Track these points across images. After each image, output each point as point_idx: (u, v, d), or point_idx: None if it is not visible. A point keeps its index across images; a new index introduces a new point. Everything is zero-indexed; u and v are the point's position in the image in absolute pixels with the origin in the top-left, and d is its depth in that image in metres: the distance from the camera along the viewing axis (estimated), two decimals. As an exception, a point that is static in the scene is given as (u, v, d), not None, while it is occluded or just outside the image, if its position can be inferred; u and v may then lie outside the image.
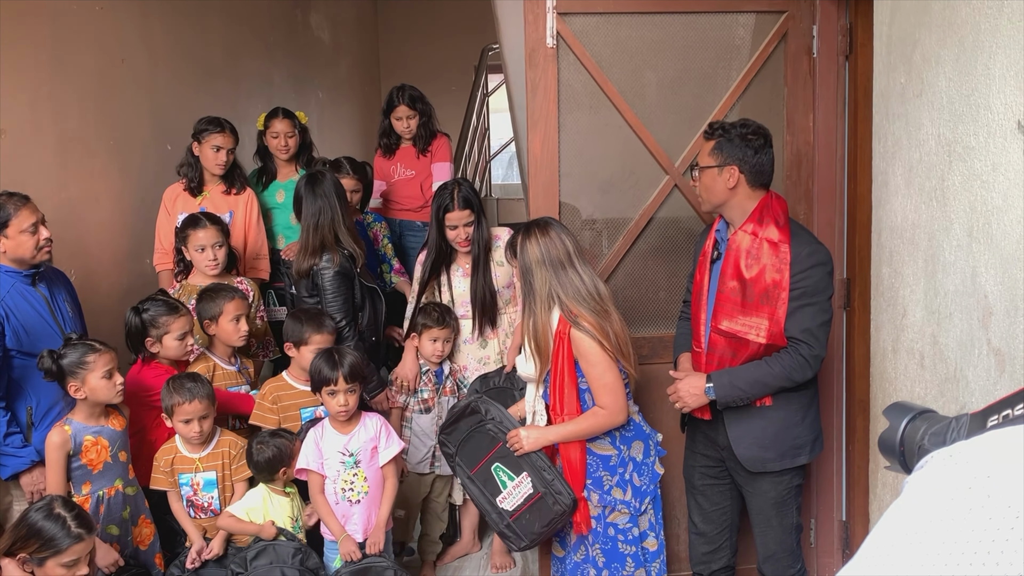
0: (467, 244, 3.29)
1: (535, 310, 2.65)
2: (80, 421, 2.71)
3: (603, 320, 2.61)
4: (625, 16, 3.11)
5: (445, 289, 3.36)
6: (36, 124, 3.42)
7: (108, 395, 2.70)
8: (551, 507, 2.63)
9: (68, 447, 2.67)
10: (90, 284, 3.55)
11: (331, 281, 3.25)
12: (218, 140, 3.70)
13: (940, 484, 0.77)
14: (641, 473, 2.70)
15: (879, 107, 2.24)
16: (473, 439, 2.77)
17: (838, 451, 3.16)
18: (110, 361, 2.69)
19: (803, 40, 3.11)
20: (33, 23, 3.39)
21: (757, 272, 2.51)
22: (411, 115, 4.25)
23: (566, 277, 2.63)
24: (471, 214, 3.28)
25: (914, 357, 2.03)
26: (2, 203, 2.79)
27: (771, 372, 2.52)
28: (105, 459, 2.73)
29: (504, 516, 2.70)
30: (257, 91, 5.38)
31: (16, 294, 2.83)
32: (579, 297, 2.62)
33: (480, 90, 6.77)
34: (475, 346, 3.38)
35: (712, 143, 2.59)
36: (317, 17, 6.46)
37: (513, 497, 2.68)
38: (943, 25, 1.84)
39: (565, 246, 2.66)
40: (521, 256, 2.68)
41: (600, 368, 2.59)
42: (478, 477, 2.75)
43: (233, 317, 3.15)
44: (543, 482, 2.63)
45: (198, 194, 3.77)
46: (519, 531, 2.69)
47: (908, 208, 2.04)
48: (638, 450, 2.72)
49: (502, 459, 2.70)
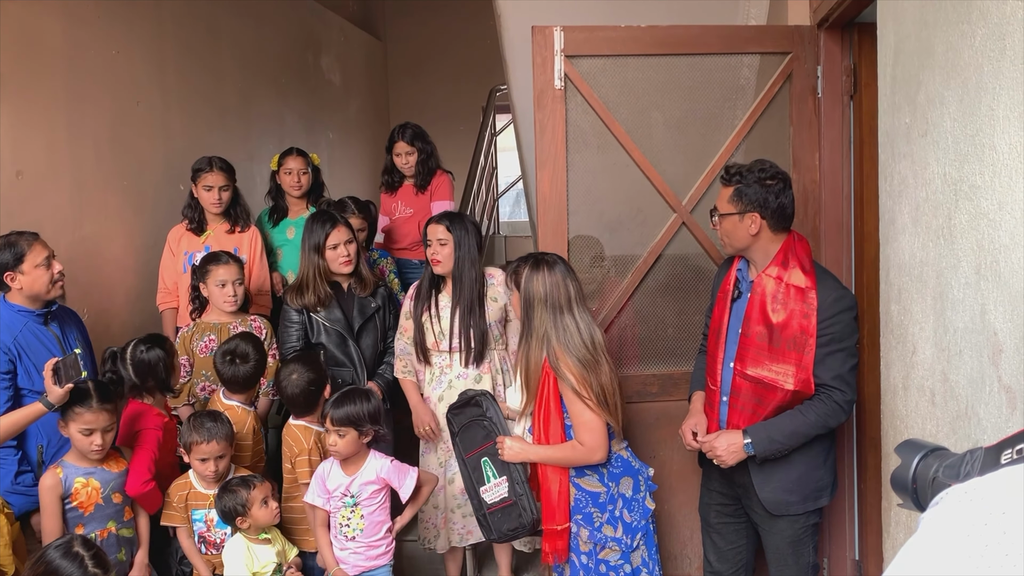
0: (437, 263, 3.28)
1: (531, 345, 2.69)
2: (73, 463, 2.71)
3: (589, 371, 2.63)
4: (632, 58, 3.16)
5: (435, 321, 3.35)
6: (52, 165, 3.48)
7: (82, 448, 2.67)
8: (517, 517, 2.74)
9: (59, 490, 2.66)
10: (102, 323, 3.58)
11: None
12: (208, 180, 3.77)
13: (956, 521, 0.78)
14: (632, 509, 2.70)
15: (885, 146, 2.26)
16: (472, 428, 2.85)
17: (850, 489, 3.14)
18: (92, 422, 2.65)
19: (808, 80, 3.16)
20: (51, 67, 3.47)
21: (784, 317, 2.51)
22: (409, 151, 4.32)
23: (562, 322, 2.66)
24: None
25: (925, 394, 2.03)
26: (14, 240, 2.83)
27: (807, 421, 2.52)
28: (96, 501, 2.71)
29: (483, 505, 2.80)
30: (269, 132, 5.46)
31: (28, 333, 2.86)
32: (571, 345, 2.64)
33: (488, 130, 6.86)
34: (468, 381, 3.31)
35: (731, 189, 2.57)
36: (328, 59, 6.57)
37: (492, 493, 2.79)
38: (946, 67, 1.87)
39: (568, 290, 2.69)
40: (525, 287, 2.70)
41: (579, 406, 2.63)
42: (470, 463, 2.84)
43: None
44: (515, 493, 2.74)
45: (201, 233, 3.82)
46: (491, 524, 2.80)
47: (916, 246, 2.06)
48: (627, 486, 2.72)
49: (491, 456, 2.79)
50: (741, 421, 2.61)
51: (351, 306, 3.48)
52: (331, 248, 3.39)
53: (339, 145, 6.71)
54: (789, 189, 2.58)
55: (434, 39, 7.94)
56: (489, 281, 3.36)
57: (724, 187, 2.62)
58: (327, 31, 6.64)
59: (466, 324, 3.27)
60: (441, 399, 3.32)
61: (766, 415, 2.56)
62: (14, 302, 2.86)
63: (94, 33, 3.73)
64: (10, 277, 2.82)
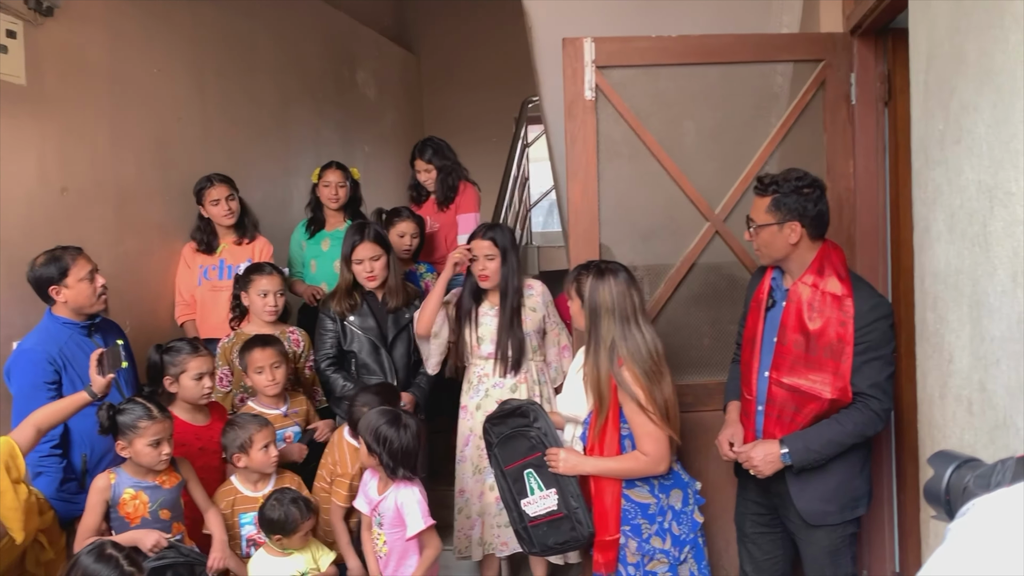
0: (484, 278, 3.33)
1: (599, 355, 2.63)
2: (128, 473, 2.76)
3: (653, 383, 2.59)
4: (663, 68, 3.16)
5: (475, 327, 3.39)
6: (96, 181, 3.57)
7: (150, 461, 2.71)
8: (568, 531, 2.66)
9: (107, 494, 2.72)
10: (144, 336, 3.65)
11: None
12: (213, 194, 3.87)
13: (983, 531, 0.77)
14: (680, 522, 2.67)
15: (918, 153, 2.24)
16: (515, 439, 2.77)
17: (889, 500, 3.09)
18: (160, 432, 2.70)
19: (841, 87, 3.13)
20: (95, 85, 3.57)
21: (821, 325, 2.49)
22: (428, 168, 4.33)
23: (630, 332, 2.62)
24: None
25: (962, 404, 2.00)
26: (59, 255, 2.92)
27: (844, 431, 2.50)
28: (143, 515, 2.74)
29: (524, 518, 2.73)
30: (306, 146, 5.55)
31: (73, 345, 2.94)
32: (638, 356, 2.60)
33: (520, 141, 6.88)
34: (505, 390, 3.34)
35: (767, 199, 2.56)
36: (363, 74, 6.65)
37: (537, 506, 2.71)
38: (980, 73, 1.85)
39: (633, 300, 2.65)
40: (591, 296, 2.65)
41: (642, 418, 2.58)
42: (510, 474, 2.76)
43: (256, 368, 3.23)
44: (568, 507, 2.66)
45: (213, 251, 3.91)
46: (533, 537, 2.73)
47: (951, 254, 2.03)
48: (677, 499, 2.69)
49: (536, 468, 2.72)
50: (777, 430, 2.59)
51: (384, 315, 3.52)
52: (356, 263, 3.45)
53: (374, 158, 6.78)
54: (825, 196, 2.56)
55: (467, 51, 8.00)
56: (528, 292, 3.41)
57: (759, 197, 2.60)
58: (362, 45, 6.72)
59: (506, 334, 3.32)
60: (479, 407, 3.35)
61: (803, 424, 2.54)
62: (59, 315, 2.94)
63: (136, 52, 3.84)
64: (55, 291, 2.90)
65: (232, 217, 3.89)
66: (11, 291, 3.06)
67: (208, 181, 3.89)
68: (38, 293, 2.93)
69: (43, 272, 2.89)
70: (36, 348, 2.87)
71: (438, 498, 3.89)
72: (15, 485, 2.44)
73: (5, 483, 2.42)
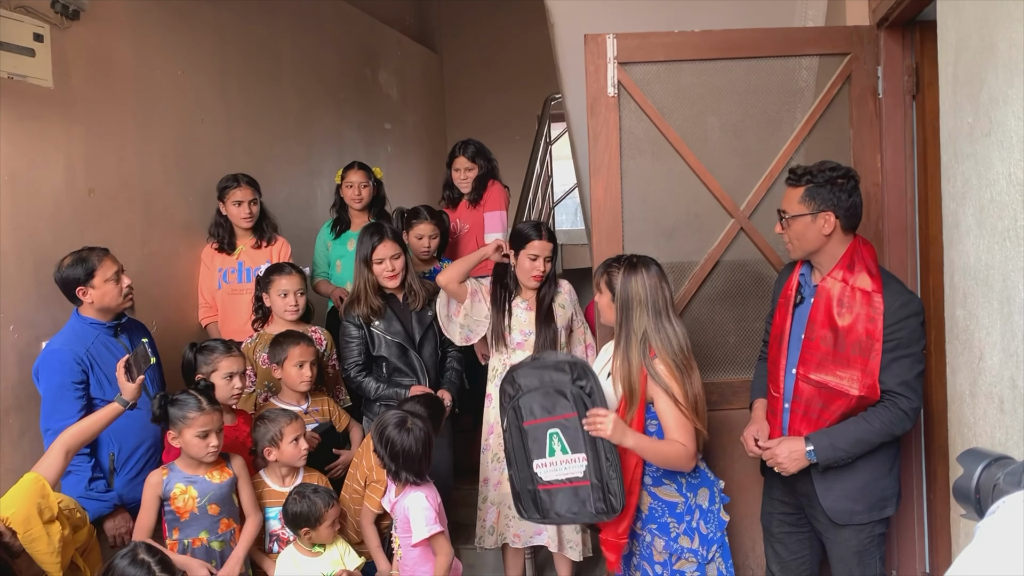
0: (539, 279, 3.38)
1: (630, 348, 2.59)
2: (180, 468, 2.81)
3: (685, 377, 2.56)
4: (686, 63, 3.14)
5: (508, 316, 3.41)
6: (123, 182, 3.61)
7: (197, 452, 2.76)
8: (588, 502, 2.49)
9: (159, 489, 2.76)
10: (169, 336, 3.69)
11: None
12: (237, 195, 3.88)
13: (1013, 530, 0.75)
14: (708, 521, 2.65)
15: (947, 147, 2.20)
16: (545, 395, 2.55)
17: (919, 500, 3.05)
18: (208, 423, 2.74)
19: (868, 81, 3.09)
20: (120, 88, 3.60)
21: (850, 322, 2.46)
22: (470, 167, 4.29)
23: (661, 325, 2.59)
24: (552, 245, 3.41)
25: (993, 401, 1.96)
26: (85, 256, 2.95)
27: (871, 429, 2.47)
28: (192, 509, 2.78)
29: (533, 480, 2.55)
30: (329, 147, 5.58)
31: (100, 345, 2.97)
32: (671, 350, 2.57)
33: (543, 138, 6.88)
34: None
35: (801, 190, 2.53)
36: (385, 74, 6.67)
37: (555, 469, 2.52)
38: (1009, 64, 1.81)
39: (665, 295, 2.63)
40: (623, 289, 2.62)
41: (674, 411, 2.54)
42: (530, 432, 2.55)
43: (297, 362, 3.24)
44: (599, 473, 2.48)
45: (232, 251, 3.93)
46: (539, 503, 2.55)
47: (981, 249, 1.99)
48: (704, 497, 2.67)
49: (564, 429, 2.51)
50: (804, 427, 2.56)
51: (408, 317, 3.53)
52: (377, 262, 3.45)
53: (397, 158, 6.80)
54: (858, 188, 2.53)
55: (489, 50, 8.00)
56: (558, 290, 3.48)
57: (792, 188, 2.57)
58: (384, 46, 6.74)
59: (542, 326, 3.40)
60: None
61: (830, 421, 2.51)
62: (86, 315, 2.98)
63: (161, 54, 3.87)
64: (82, 291, 2.93)
65: (250, 220, 3.91)
66: (39, 291, 3.09)
67: (235, 181, 3.90)
68: (65, 294, 2.97)
69: (70, 273, 2.93)
70: (64, 348, 2.90)
71: (462, 497, 3.91)
72: (48, 526, 2.28)
73: (38, 529, 2.25)
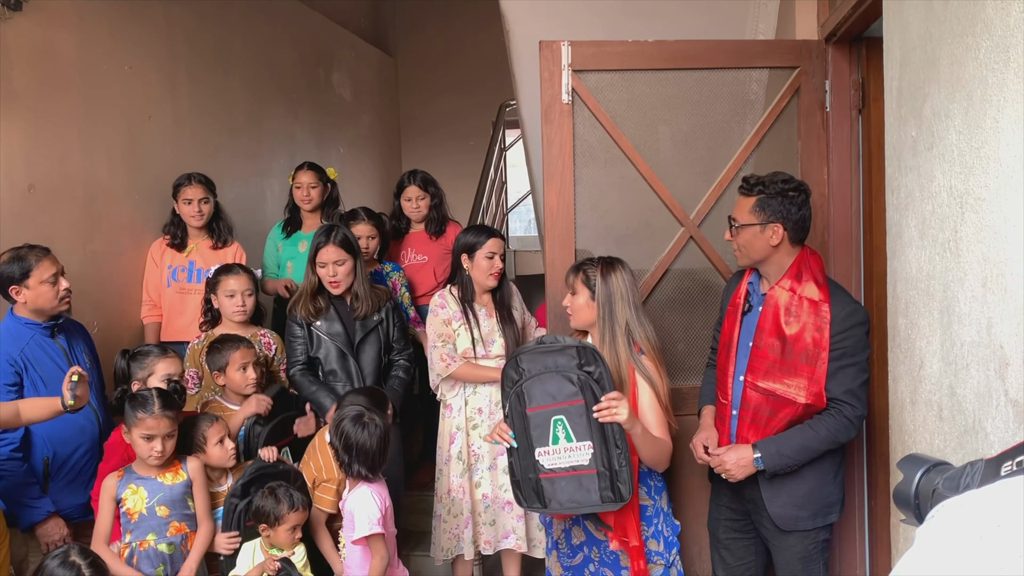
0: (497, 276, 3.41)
1: (616, 342, 2.64)
2: (134, 468, 2.75)
3: (662, 372, 2.67)
4: (639, 73, 3.17)
5: (473, 325, 3.40)
6: (65, 179, 3.51)
7: (142, 454, 2.70)
8: (592, 490, 2.40)
9: (113, 491, 2.70)
10: (112, 336, 3.60)
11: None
12: (188, 193, 3.84)
13: (951, 534, 0.76)
14: (669, 524, 2.69)
15: (891, 160, 2.25)
16: (546, 379, 2.44)
17: (861, 506, 3.11)
18: (154, 428, 2.67)
19: (816, 95, 3.15)
20: (64, 81, 3.51)
21: (797, 330, 2.50)
22: (421, 196, 4.22)
23: (642, 321, 2.69)
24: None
25: (932, 409, 2.01)
26: (23, 255, 2.85)
27: (817, 437, 2.50)
28: (140, 510, 2.70)
29: (535, 468, 2.43)
30: (280, 147, 5.50)
31: (35, 346, 2.87)
32: (652, 345, 2.67)
33: (498, 145, 6.89)
34: (495, 385, 3.27)
35: (752, 199, 2.56)
36: (339, 75, 6.61)
37: (558, 457, 2.40)
38: (951, 80, 1.86)
39: (639, 292, 2.75)
40: (604, 285, 2.66)
41: (658, 406, 2.62)
42: (533, 419, 2.43)
43: (239, 366, 3.17)
44: (607, 462, 2.38)
45: (183, 249, 3.87)
46: (539, 491, 2.43)
47: (923, 259, 2.04)
48: (665, 500, 2.71)
49: (569, 416, 2.40)
50: (752, 434, 2.59)
51: (352, 321, 3.46)
52: (320, 266, 3.40)
53: (350, 160, 6.74)
54: (809, 202, 2.57)
55: (444, 54, 7.97)
56: (510, 289, 3.57)
57: (744, 197, 2.60)
58: (338, 47, 6.68)
59: (504, 331, 3.43)
60: (467, 402, 3.41)
61: (778, 429, 2.54)
62: (20, 315, 2.88)
63: (107, 48, 3.78)
64: (15, 291, 2.84)
65: (201, 219, 3.86)
66: (-26, 289, 2.98)
67: (187, 179, 3.87)
68: (-1, 291, 2.87)
69: (4, 270, 2.83)
70: (-3, 349, 2.81)
71: (411, 503, 3.88)
72: None
73: None
